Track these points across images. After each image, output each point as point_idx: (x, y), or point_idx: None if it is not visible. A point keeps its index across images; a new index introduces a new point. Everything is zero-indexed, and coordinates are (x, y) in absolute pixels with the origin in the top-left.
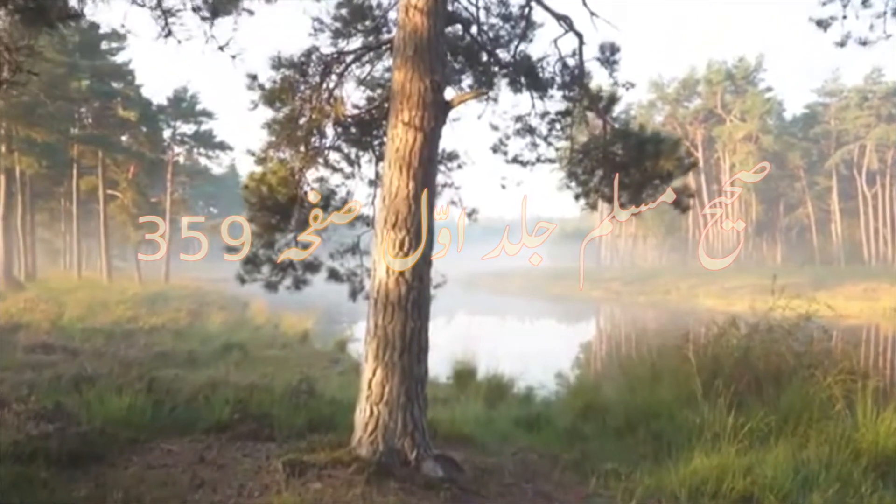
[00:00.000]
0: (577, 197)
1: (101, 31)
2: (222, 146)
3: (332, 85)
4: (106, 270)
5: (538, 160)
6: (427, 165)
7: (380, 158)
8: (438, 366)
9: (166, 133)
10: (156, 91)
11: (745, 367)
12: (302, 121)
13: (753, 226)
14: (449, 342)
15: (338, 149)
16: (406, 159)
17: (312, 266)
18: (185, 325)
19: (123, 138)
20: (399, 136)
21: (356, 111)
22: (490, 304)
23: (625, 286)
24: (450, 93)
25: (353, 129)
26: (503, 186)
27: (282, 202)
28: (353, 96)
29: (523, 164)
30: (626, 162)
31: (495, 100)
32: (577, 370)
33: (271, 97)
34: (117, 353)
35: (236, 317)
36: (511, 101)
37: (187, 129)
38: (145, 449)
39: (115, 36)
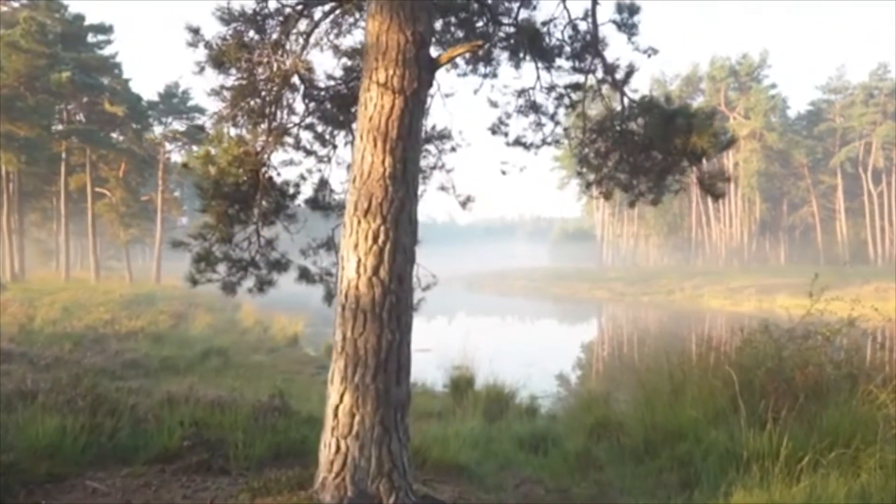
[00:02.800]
0: (588, 185)
1: (88, 22)
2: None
3: (296, 46)
4: (94, 271)
5: (544, 142)
6: (408, 138)
7: None
8: (435, 373)
9: (158, 130)
10: (147, 86)
11: (780, 379)
12: (263, 91)
13: (757, 225)
14: (448, 345)
15: (310, 127)
16: (382, 130)
17: (279, 264)
18: (166, 329)
19: (114, 135)
20: (373, 101)
21: (331, 83)
22: (491, 304)
23: (628, 286)
24: (438, 52)
25: (327, 105)
26: (503, 172)
27: (243, 189)
28: (328, 65)
29: (526, 146)
30: (649, 141)
31: (494, 74)
32: (584, 377)
33: (219, 57)
34: (81, 361)
35: (224, 319)
36: (513, 74)
37: (179, 125)
38: (64, 487)
39: (102, 28)
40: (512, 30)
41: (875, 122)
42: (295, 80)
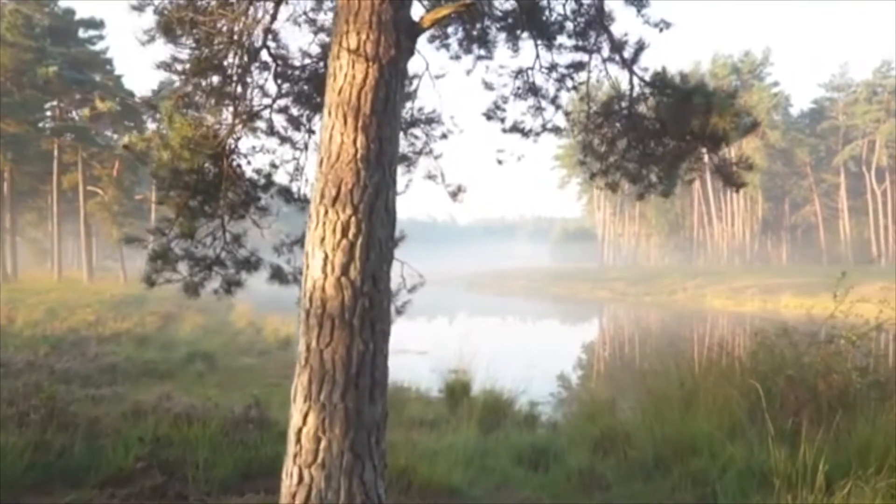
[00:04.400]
0: (592, 176)
1: (78, 17)
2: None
3: (265, 15)
4: (87, 270)
5: (544, 128)
6: (383, 113)
7: None
8: (429, 376)
9: (152, 127)
10: (145, 83)
11: (802, 387)
12: (227, 67)
13: (759, 224)
14: (446, 346)
15: (284, 111)
16: (353, 104)
17: (249, 263)
18: (152, 331)
19: (108, 133)
20: (343, 71)
21: (308, 61)
22: (492, 304)
23: (630, 286)
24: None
25: (303, 86)
26: (500, 161)
27: (207, 178)
28: (303, 41)
29: (525, 133)
30: (661, 125)
31: (489, 55)
32: (587, 381)
33: (169, 24)
34: (54, 367)
35: (217, 321)
36: (510, 55)
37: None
38: None
39: (94, 23)
40: (508, 5)
41: (879, 120)
42: (265, 57)
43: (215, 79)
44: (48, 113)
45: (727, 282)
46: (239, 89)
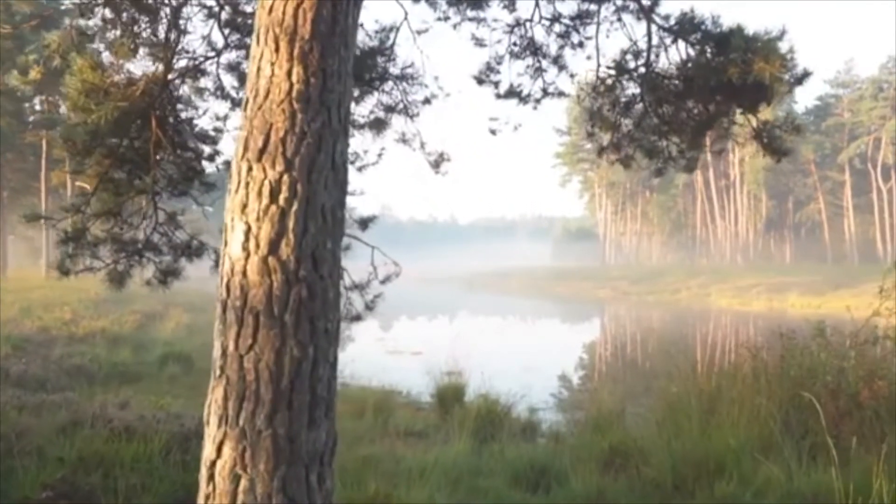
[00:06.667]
0: (601, 150)
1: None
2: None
3: None
4: None
5: (545, 93)
6: (329, 40)
7: None
8: (423, 379)
9: None
10: None
11: (843, 396)
12: (158, 8)
13: (763, 222)
14: (444, 347)
15: (234, 68)
16: (287, 26)
17: (189, 248)
18: (130, 330)
19: None
20: None
21: None
22: (492, 304)
23: (632, 285)
24: None
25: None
26: (493, 132)
27: (135, 144)
28: None
29: (523, 98)
30: (683, 85)
31: (481, 12)
32: (592, 386)
33: None
34: (10, 370)
35: (204, 319)
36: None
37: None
38: None
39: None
40: None
41: (884, 117)
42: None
43: (140, 20)
44: (37, 106)
45: (731, 280)
46: (173, 35)
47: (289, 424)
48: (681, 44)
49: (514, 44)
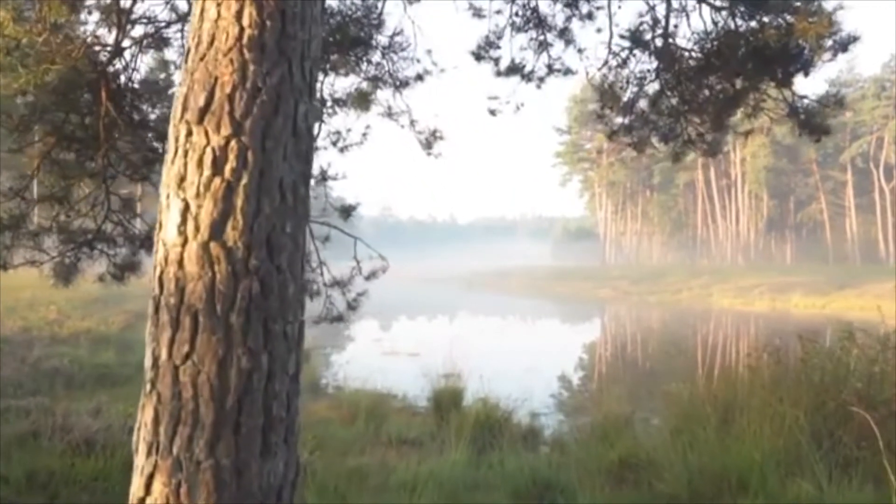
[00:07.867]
0: (612, 134)
1: None
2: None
3: None
4: None
5: (550, 70)
6: None
7: None
8: (417, 381)
9: None
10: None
11: (876, 403)
12: None
13: (764, 222)
14: (443, 347)
15: None
16: None
17: (149, 240)
18: (117, 331)
19: None
20: None
21: None
22: (492, 303)
23: (633, 285)
24: None
25: None
26: (492, 112)
27: (85, 120)
28: None
29: (526, 75)
30: (705, 59)
31: None
32: (595, 388)
33: None
34: None
35: None
36: None
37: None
38: None
39: None
40: None
41: (887, 116)
42: None
43: None
44: None
45: (733, 280)
46: None
47: (235, 453)
48: (705, 9)
49: (516, 14)
